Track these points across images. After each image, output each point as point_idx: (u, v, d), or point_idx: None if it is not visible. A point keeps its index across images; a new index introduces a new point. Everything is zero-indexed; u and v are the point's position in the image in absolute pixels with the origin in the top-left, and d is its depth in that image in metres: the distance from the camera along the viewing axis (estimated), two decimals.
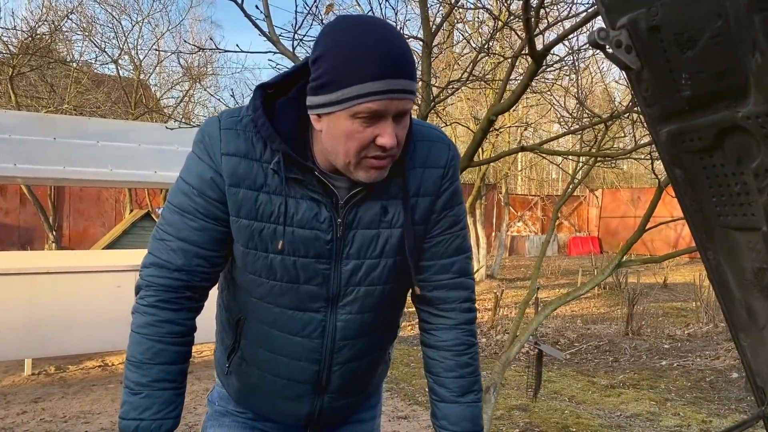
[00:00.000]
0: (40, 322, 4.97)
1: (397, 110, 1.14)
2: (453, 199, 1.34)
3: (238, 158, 1.23)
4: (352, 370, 1.38)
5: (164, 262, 1.27)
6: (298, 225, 1.24)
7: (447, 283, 1.37)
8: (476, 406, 1.39)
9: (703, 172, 1.32)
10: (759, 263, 1.27)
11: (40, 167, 5.11)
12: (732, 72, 1.16)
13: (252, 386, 1.43)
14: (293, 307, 1.30)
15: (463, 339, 1.38)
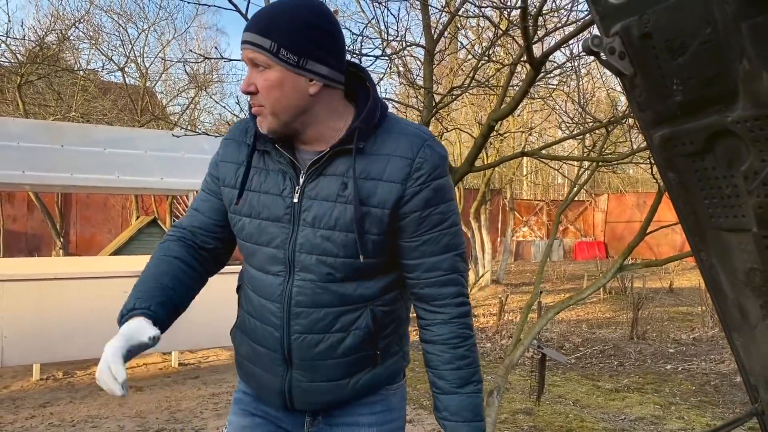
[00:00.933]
0: (48, 328, 5.02)
1: (248, 58, 1.35)
2: (438, 196, 1.38)
3: (232, 140, 1.52)
4: (312, 344, 1.42)
5: (178, 223, 1.59)
6: (264, 191, 1.43)
7: (438, 280, 1.42)
8: (476, 396, 1.42)
9: (695, 175, 1.35)
10: (750, 264, 1.30)
11: (48, 174, 5.17)
12: (721, 78, 1.19)
13: (244, 357, 1.56)
14: (261, 269, 1.46)
15: (459, 332, 1.42)
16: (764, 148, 1.18)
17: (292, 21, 1.32)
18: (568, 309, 10.07)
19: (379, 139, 1.38)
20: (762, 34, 1.09)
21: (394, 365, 1.54)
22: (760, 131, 1.17)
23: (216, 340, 5.69)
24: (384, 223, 1.38)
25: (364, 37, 2.81)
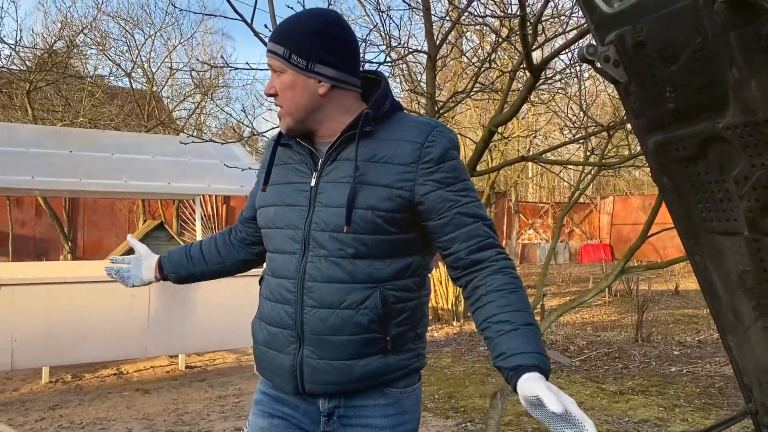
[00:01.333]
0: (57, 331, 5.07)
1: (270, 66, 1.54)
2: (453, 175, 1.48)
3: (267, 146, 1.72)
4: (323, 318, 1.48)
5: None
6: (286, 181, 1.59)
7: (478, 246, 1.47)
8: (538, 335, 1.39)
9: (688, 180, 1.38)
10: (742, 266, 1.34)
11: (57, 179, 5.23)
12: (712, 85, 1.23)
13: (260, 343, 1.63)
14: (280, 250, 1.58)
15: (511, 279, 1.44)
16: (754, 153, 1.21)
17: (302, 30, 1.51)
18: (574, 312, 10.08)
19: (390, 127, 1.52)
20: (749, 44, 1.12)
21: (407, 362, 1.55)
22: (749, 137, 1.21)
23: (222, 343, 5.73)
24: (395, 202, 1.46)
25: (368, 43, 2.84)
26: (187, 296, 5.59)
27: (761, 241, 1.27)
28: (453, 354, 7.02)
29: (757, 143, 1.20)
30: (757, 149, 1.20)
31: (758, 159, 1.21)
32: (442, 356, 6.90)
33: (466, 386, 5.63)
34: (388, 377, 1.53)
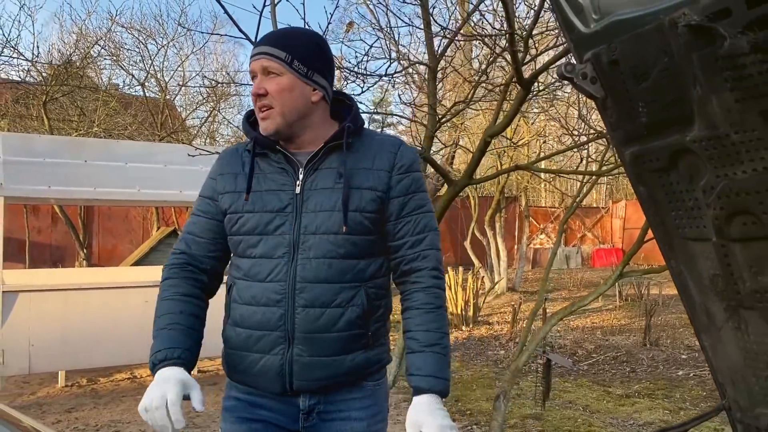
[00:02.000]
0: (73, 336, 5.21)
1: (260, 67, 1.59)
2: (416, 184, 1.64)
3: (227, 159, 1.72)
4: (315, 317, 1.57)
5: (175, 249, 1.73)
6: (266, 189, 1.63)
7: (419, 254, 1.62)
8: (441, 356, 1.56)
9: (662, 189, 1.47)
10: (713, 270, 1.41)
11: (73, 188, 5.38)
12: (679, 101, 1.31)
13: (237, 348, 1.66)
14: (263, 255, 1.62)
15: (432, 300, 1.60)
16: (718, 165, 1.29)
17: (304, 41, 1.64)
18: (584, 316, 10.11)
19: (364, 142, 1.66)
20: (709, 64, 1.21)
21: (383, 355, 1.71)
22: (713, 150, 1.29)
23: None
24: (376, 203, 1.60)
25: (370, 58, 2.95)
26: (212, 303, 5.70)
27: (727, 247, 1.34)
28: (461, 358, 7.09)
29: (720, 155, 1.28)
30: (720, 161, 1.28)
31: (722, 170, 1.29)
32: (451, 361, 6.96)
33: (474, 390, 5.70)
34: (370, 370, 1.67)
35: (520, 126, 10.97)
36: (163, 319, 1.60)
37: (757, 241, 1.29)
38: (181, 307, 1.62)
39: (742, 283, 1.35)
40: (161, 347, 1.53)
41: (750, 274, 1.33)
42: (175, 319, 1.59)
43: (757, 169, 1.23)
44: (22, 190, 5.13)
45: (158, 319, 1.61)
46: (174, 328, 1.57)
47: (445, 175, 2.81)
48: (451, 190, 2.74)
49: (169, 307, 1.62)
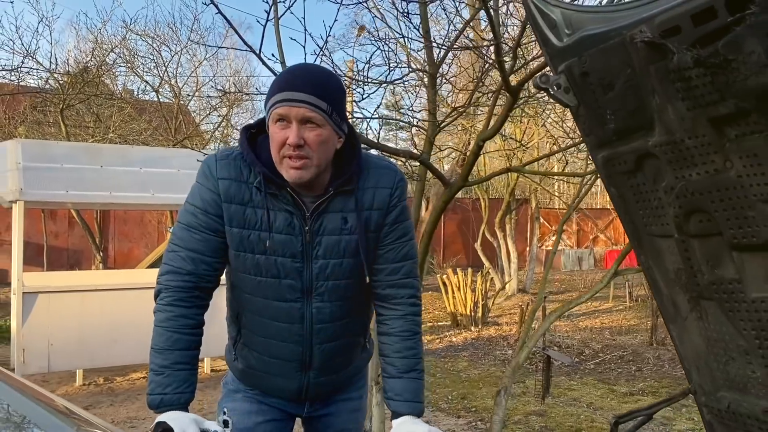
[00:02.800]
0: (90, 336, 5.39)
1: (299, 116, 1.49)
2: (402, 215, 1.68)
3: (230, 181, 1.59)
4: (330, 350, 1.70)
5: (177, 268, 1.60)
6: (277, 231, 1.59)
7: (397, 282, 1.69)
8: (417, 381, 1.67)
9: (630, 190, 1.58)
10: (677, 264, 1.53)
11: (89, 193, 5.57)
12: (641, 110, 1.43)
13: (252, 367, 1.77)
14: (277, 298, 1.64)
15: (409, 327, 1.69)
16: (676, 167, 1.41)
17: (335, 88, 1.56)
18: (593, 317, 10.18)
19: (363, 175, 1.64)
20: (664, 76, 1.33)
21: (369, 350, 1.90)
22: (671, 154, 1.41)
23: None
24: (375, 243, 1.68)
25: (372, 65, 3.09)
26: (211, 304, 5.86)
27: (687, 242, 1.46)
28: (470, 358, 7.19)
29: (678, 159, 1.39)
30: (678, 164, 1.40)
31: (679, 172, 1.40)
32: (459, 360, 7.08)
33: (480, 388, 5.81)
34: (363, 366, 1.88)
35: (530, 129, 11.06)
36: (171, 355, 1.56)
37: (711, 237, 1.41)
38: (188, 343, 1.59)
39: (701, 276, 1.47)
40: (176, 389, 1.54)
41: (707, 268, 1.45)
42: (185, 358, 1.57)
43: (709, 171, 1.35)
44: (41, 194, 5.32)
45: (167, 351, 1.56)
46: (184, 369, 1.56)
47: (441, 177, 2.94)
48: (448, 192, 2.87)
49: (178, 342, 1.57)
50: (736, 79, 1.17)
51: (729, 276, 1.40)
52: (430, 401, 5.32)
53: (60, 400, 1.44)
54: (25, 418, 1.26)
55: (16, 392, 1.35)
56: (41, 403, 1.35)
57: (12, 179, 5.18)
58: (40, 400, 1.37)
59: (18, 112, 11.19)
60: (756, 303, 1.36)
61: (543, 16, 1.65)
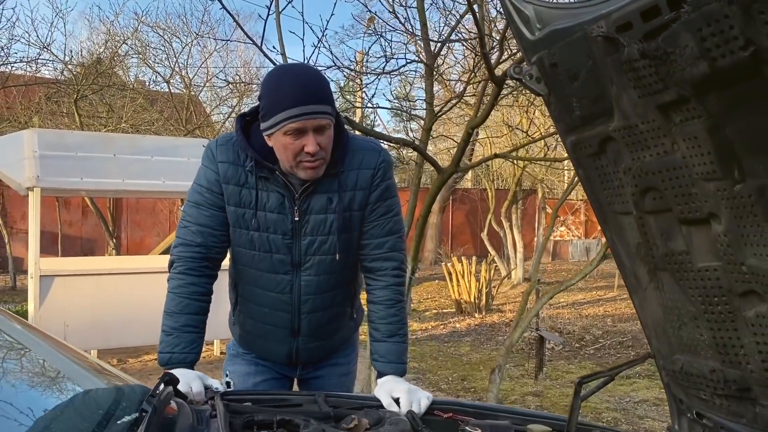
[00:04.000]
0: (104, 318, 5.60)
1: (314, 126, 1.64)
2: (385, 193, 1.82)
3: (228, 164, 1.77)
4: (317, 319, 1.87)
5: (188, 241, 1.80)
6: (269, 210, 1.75)
7: (381, 256, 1.85)
8: (400, 345, 1.84)
9: (595, 172, 1.73)
10: (637, 239, 1.67)
11: (103, 180, 5.76)
12: (602, 98, 1.58)
13: (249, 332, 1.96)
14: (268, 270, 1.81)
15: (392, 296, 1.85)
16: (633, 150, 1.56)
17: (329, 87, 1.73)
18: (597, 305, 10.30)
19: (347, 158, 1.79)
20: (620, 66, 1.47)
21: (357, 320, 2.05)
22: (628, 137, 1.56)
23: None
24: (361, 219, 1.83)
25: (369, 55, 3.23)
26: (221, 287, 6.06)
27: (643, 218, 1.61)
28: (472, 343, 7.36)
29: (633, 142, 1.54)
30: (634, 147, 1.54)
31: (635, 154, 1.55)
32: (462, 345, 7.24)
33: (480, 370, 5.97)
34: (351, 335, 2.05)
35: (536, 118, 11.16)
36: (181, 318, 1.74)
37: (664, 212, 1.56)
38: (197, 308, 1.77)
39: (656, 249, 1.62)
40: (183, 349, 1.72)
41: (662, 241, 1.60)
42: (193, 322, 1.75)
43: (659, 153, 1.50)
44: (56, 182, 5.52)
45: (177, 315, 1.74)
46: (192, 332, 1.74)
47: (434, 163, 3.08)
48: (441, 178, 3.02)
49: (188, 307, 1.75)
50: (675, 70, 1.32)
51: (679, 248, 1.55)
52: (431, 382, 5.50)
53: (92, 357, 1.60)
54: (59, 372, 1.41)
55: (51, 349, 1.52)
56: (74, 359, 1.52)
57: (29, 167, 5.37)
58: (73, 356, 1.53)
59: (33, 102, 11.42)
60: (701, 272, 1.51)
61: (518, 12, 1.79)
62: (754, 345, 1.44)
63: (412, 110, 4.08)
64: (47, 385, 1.36)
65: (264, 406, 1.54)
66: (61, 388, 1.37)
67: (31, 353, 1.45)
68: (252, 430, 1.38)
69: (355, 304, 2.01)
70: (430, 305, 10.32)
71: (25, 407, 1.13)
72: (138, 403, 1.18)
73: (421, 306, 10.19)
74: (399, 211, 1.89)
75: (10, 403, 1.12)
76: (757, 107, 1.20)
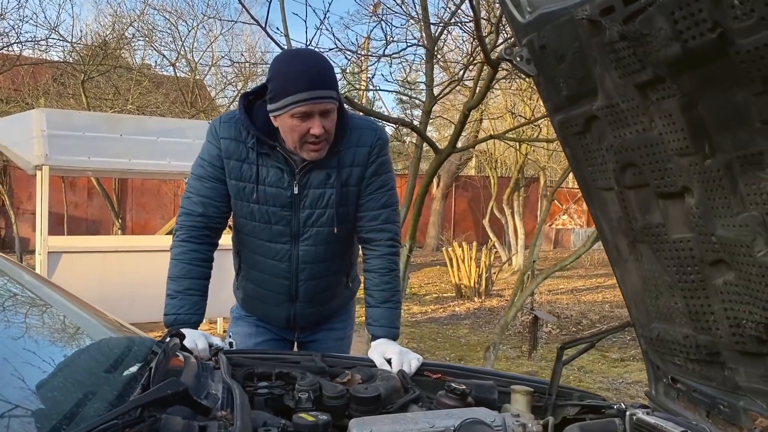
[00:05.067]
0: (110, 295, 5.72)
1: (320, 110, 1.74)
2: (380, 169, 1.92)
3: (230, 140, 1.87)
4: (313, 287, 1.98)
5: (191, 211, 1.92)
6: (269, 184, 1.85)
7: (376, 227, 1.96)
8: (392, 311, 1.94)
9: (581, 149, 1.82)
10: (618, 213, 1.76)
11: (109, 160, 5.86)
12: (587, 78, 1.66)
13: (250, 296, 2.08)
14: (269, 240, 1.93)
15: (386, 264, 1.96)
16: (615, 127, 1.65)
17: (333, 72, 1.82)
18: (596, 291, 10.41)
19: (346, 136, 1.88)
20: (603, 48, 1.56)
21: (353, 288, 2.16)
22: (611, 116, 1.65)
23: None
24: (357, 195, 1.94)
25: (370, 38, 3.31)
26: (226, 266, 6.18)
27: (624, 193, 1.70)
28: (471, 326, 7.48)
29: (615, 120, 1.63)
30: (615, 124, 1.63)
31: (617, 132, 1.64)
32: (461, 327, 7.36)
33: (478, 351, 6.09)
34: (347, 303, 2.16)
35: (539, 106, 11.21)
36: (185, 282, 1.85)
37: (642, 187, 1.65)
38: (199, 273, 1.89)
39: (635, 222, 1.72)
40: (188, 310, 1.83)
41: (640, 214, 1.70)
42: (196, 286, 1.86)
43: (638, 130, 1.59)
44: (64, 160, 5.62)
45: (181, 279, 1.85)
46: (195, 294, 1.85)
47: (432, 144, 3.17)
48: (438, 157, 3.11)
49: (190, 272, 1.86)
50: (651, 51, 1.41)
51: (656, 221, 1.65)
52: None
53: (111, 315, 1.71)
54: (78, 329, 1.51)
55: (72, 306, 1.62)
56: (94, 316, 1.62)
57: (37, 145, 5.47)
58: (93, 313, 1.63)
59: (41, 83, 11.51)
60: (676, 243, 1.60)
61: None
62: (722, 311, 1.54)
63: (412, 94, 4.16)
64: (65, 335, 1.47)
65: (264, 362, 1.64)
66: (77, 339, 1.47)
67: (51, 309, 1.55)
68: (252, 381, 1.49)
69: (351, 274, 2.12)
70: (431, 290, 10.45)
71: (46, 355, 1.23)
72: (148, 350, 1.28)
73: (421, 290, 10.31)
74: (393, 186, 2.00)
75: (33, 352, 1.21)
76: (724, 86, 1.29)
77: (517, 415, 1.58)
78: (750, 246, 1.35)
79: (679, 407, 1.79)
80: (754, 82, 1.19)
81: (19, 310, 1.47)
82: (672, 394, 1.84)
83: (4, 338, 1.20)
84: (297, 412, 1.31)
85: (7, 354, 1.10)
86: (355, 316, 2.28)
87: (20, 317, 1.43)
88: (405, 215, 3.30)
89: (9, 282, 1.54)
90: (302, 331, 2.10)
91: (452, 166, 15.37)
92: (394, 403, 1.51)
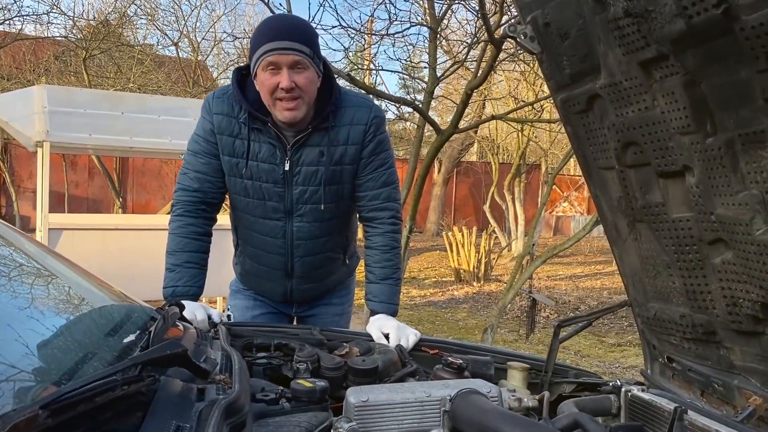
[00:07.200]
0: (110, 272, 5.72)
1: (289, 62, 1.71)
2: (378, 147, 1.92)
3: (223, 116, 1.86)
4: (309, 263, 1.99)
5: (186, 186, 1.93)
6: (261, 160, 1.85)
7: (378, 206, 1.97)
8: (392, 287, 1.95)
9: (582, 128, 1.82)
10: (618, 193, 1.77)
11: (111, 137, 5.85)
12: (591, 56, 1.66)
13: (248, 271, 2.10)
14: (263, 216, 1.93)
15: (388, 242, 1.97)
16: (617, 106, 1.65)
17: (312, 33, 1.80)
18: (595, 278, 10.43)
19: (339, 113, 1.87)
20: (607, 25, 1.56)
21: (351, 265, 2.18)
22: (613, 94, 1.64)
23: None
24: (352, 173, 1.93)
25: (375, 18, 3.29)
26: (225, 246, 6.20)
27: (625, 172, 1.71)
28: (469, 310, 7.51)
29: (618, 98, 1.63)
30: (618, 103, 1.63)
31: (619, 110, 1.64)
32: (459, 311, 7.39)
33: (476, 334, 6.12)
34: (344, 279, 2.17)
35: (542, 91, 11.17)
36: (182, 255, 1.86)
37: (643, 166, 1.65)
38: (197, 246, 1.90)
39: (635, 202, 1.72)
40: (186, 282, 1.85)
41: (641, 194, 1.70)
42: (194, 258, 1.88)
43: (641, 109, 1.59)
44: (65, 137, 5.61)
45: (179, 252, 1.86)
46: (193, 267, 1.87)
47: (433, 124, 3.16)
48: (440, 138, 3.10)
49: (188, 245, 1.88)
50: (655, 27, 1.40)
51: (656, 200, 1.65)
52: None
53: (116, 287, 1.72)
54: (83, 300, 1.52)
55: (77, 277, 1.63)
56: (99, 287, 1.63)
57: (38, 122, 5.46)
58: (99, 285, 1.64)
59: (42, 60, 11.46)
60: (675, 222, 1.61)
61: None
62: (719, 291, 1.55)
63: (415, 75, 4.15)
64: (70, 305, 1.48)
65: None
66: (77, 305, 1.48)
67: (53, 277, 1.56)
68: (251, 351, 1.50)
69: (349, 251, 2.13)
70: (430, 274, 10.47)
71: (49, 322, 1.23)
72: (148, 317, 1.29)
73: (420, 274, 10.34)
74: (393, 164, 2.00)
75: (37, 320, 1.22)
76: (728, 63, 1.29)
77: (513, 390, 1.59)
78: (749, 224, 1.36)
79: (674, 386, 1.81)
80: (758, 59, 1.19)
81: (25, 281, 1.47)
82: (667, 373, 1.86)
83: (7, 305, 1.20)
84: None
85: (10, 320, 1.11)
86: (354, 293, 2.29)
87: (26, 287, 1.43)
88: (405, 197, 3.30)
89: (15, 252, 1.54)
90: (300, 305, 2.11)
91: (454, 152, 15.35)
92: (391, 376, 1.52)
